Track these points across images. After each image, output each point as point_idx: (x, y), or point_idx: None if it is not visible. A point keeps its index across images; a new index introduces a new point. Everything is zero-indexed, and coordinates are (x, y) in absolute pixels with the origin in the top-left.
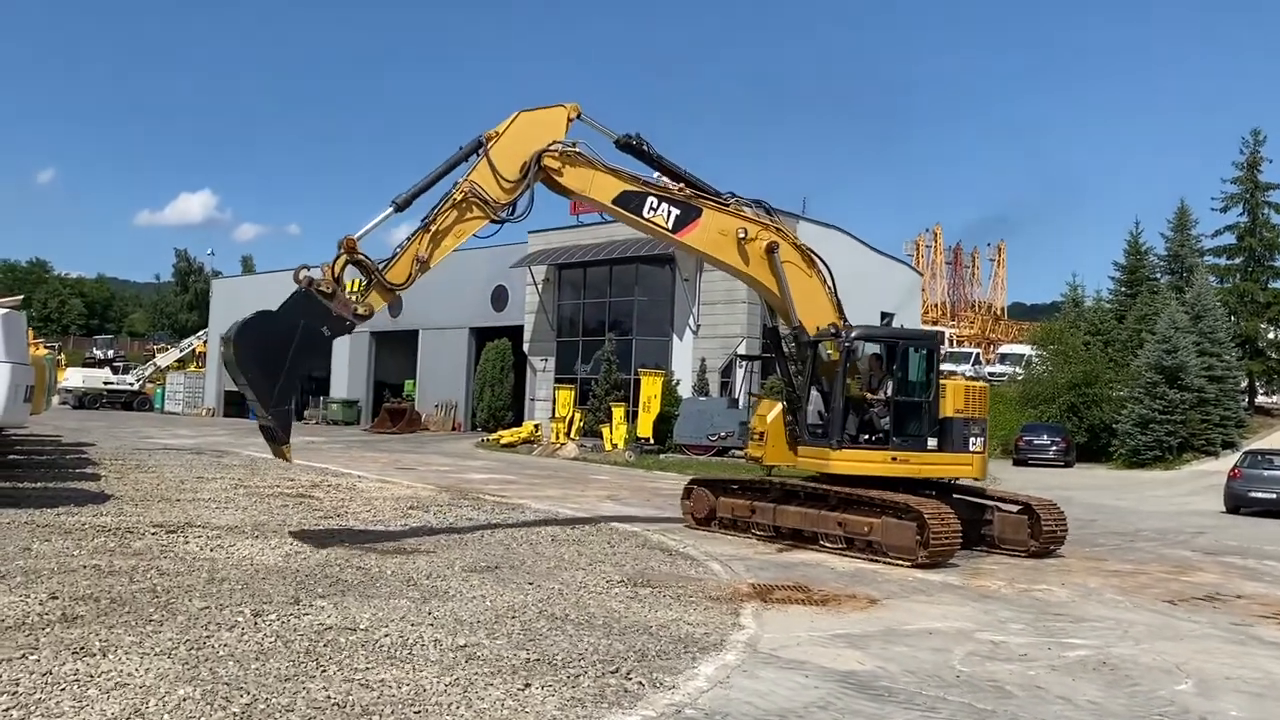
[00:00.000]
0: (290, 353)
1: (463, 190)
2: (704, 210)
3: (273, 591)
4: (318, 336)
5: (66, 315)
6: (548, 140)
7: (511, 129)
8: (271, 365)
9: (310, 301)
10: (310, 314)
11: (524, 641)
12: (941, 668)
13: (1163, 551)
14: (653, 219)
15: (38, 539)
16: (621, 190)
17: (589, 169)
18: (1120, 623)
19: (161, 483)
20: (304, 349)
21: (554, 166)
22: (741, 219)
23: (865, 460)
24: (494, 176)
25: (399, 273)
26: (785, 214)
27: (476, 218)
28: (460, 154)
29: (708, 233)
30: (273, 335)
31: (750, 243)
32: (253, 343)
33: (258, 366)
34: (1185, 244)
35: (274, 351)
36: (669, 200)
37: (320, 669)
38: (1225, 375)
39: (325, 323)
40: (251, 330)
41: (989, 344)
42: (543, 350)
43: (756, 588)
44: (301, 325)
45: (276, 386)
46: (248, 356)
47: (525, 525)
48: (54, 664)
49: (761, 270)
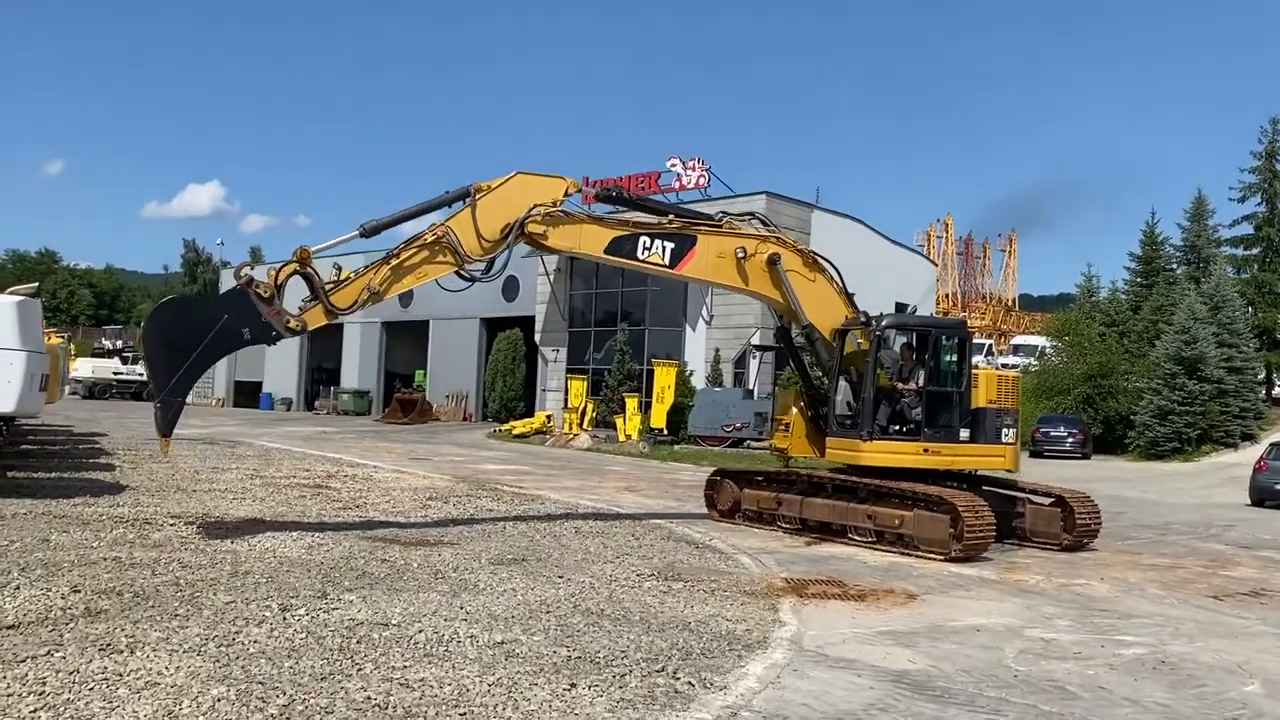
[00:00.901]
0: (202, 344)
1: (436, 233)
2: (699, 237)
3: (298, 585)
4: (236, 336)
5: (75, 305)
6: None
7: (505, 187)
8: (179, 352)
9: (244, 300)
10: (239, 312)
11: (562, 638)
12: (996, 667)
13: (1196, 545)
14: (649, 259)
15: (56, 530)
16: (612, 238)
17: (574, 225)
18: (1169, 619)
19: (176, 473)
20: (218, 343)
21: (539, 232)
22: (738, 237)
23: (897, 452)
24: (473, 230)
25: (346, 297)
26: (799, 203)
27: (444, 263)
28: (445, 198)
29: (706, 259)
30: (191, 322)
31: (750, 259)
32: (168, 323)
33: (165, 349)
34: (1202, 234)
35: (186, 338)
36: (661, 236)
37: (356, 667)
38: (1244, 367)
39: (250, 325)
40: (170, 311)
41: (1001, 335)
42: (554, 341)
43: (790, 582)
44: (224, 320)
45: (176, 375)
46: (158, 336)
47: (547, 517)
48: (80, 661)
49: (764, 284)
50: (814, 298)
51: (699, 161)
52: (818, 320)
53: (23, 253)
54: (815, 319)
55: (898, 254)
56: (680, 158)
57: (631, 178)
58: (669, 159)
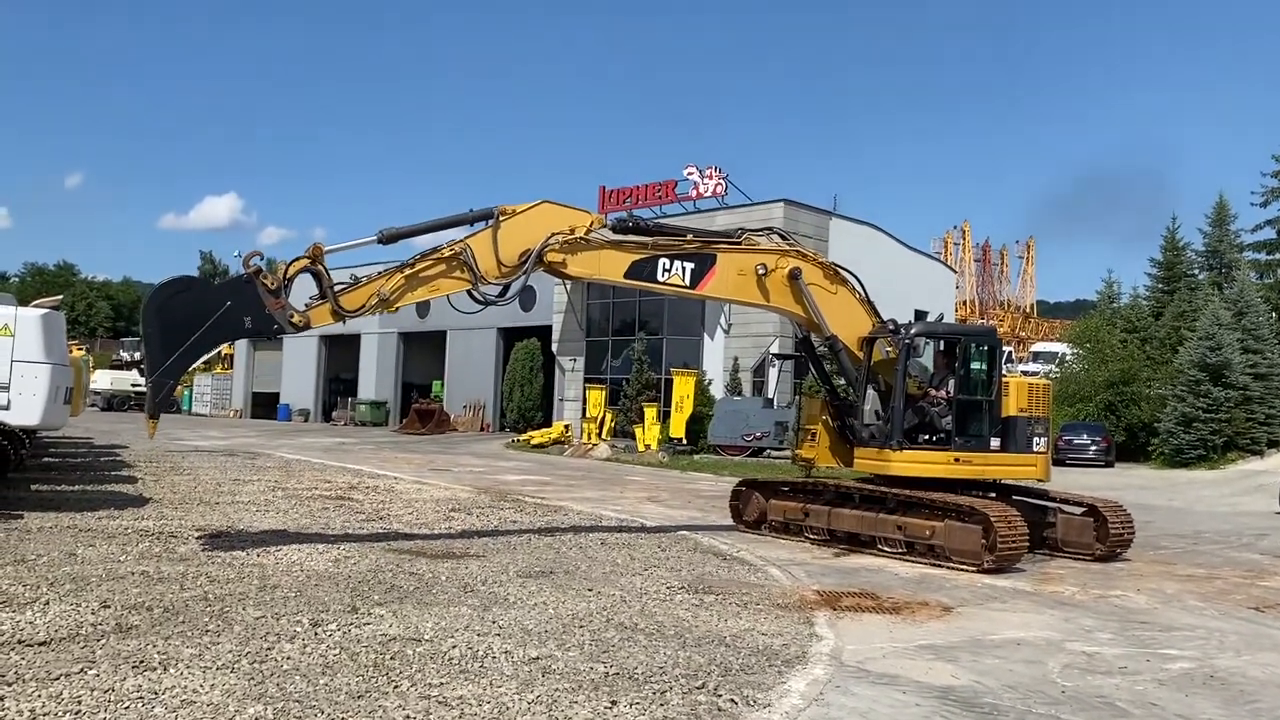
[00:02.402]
0: (203, 328)
1: (455, 249)
2: (718, 255)
3: (328, 599)
4: (237, 324)
5: (94, 318)
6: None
7: (530, 213)
8: (177, 333)
9: (249, 289)
10: (242, 300)
11: (597, 654)
12: (1042, 682)
13: (1230, 554)
14: (669, 280)
15: (82, 544)
16: (631, 262)
17: (593, 251)
18: (1212, 631)
19: (199, 485)
20: (217, 329)
21: (558, 260)
22: (757, 253)
23: (927, 461)
24: (492, 252)
25: (355, 300)
26: (817, 211)
27: (458, 280)
28: (467, 215)
29: (727, 278)
30: (193, 304)
31: (771, 275)
32: (170, 302)
33: (164, 328)
34: (1224, 239)
35: (186, 320)
36: (680, 256)
37: (393, 684)
38: (1269, 373)
39: (253, 315)
40: (173, 289)
41: (1020, 342)
42: (572, 350)
43: (823, 595)
44: (227, 306)
45: (172, 356)
46: (158, 314)
47: (571, 529)
48: (114, 679)
49: (785, 299)
50: (837, 310)
51: (716, 170)
52: (841, 332)
53: (41, 265)
54: (838, 330)
55: (916, 261)
56: (697, 166)
57: (648, 186)
58: (686, 167)
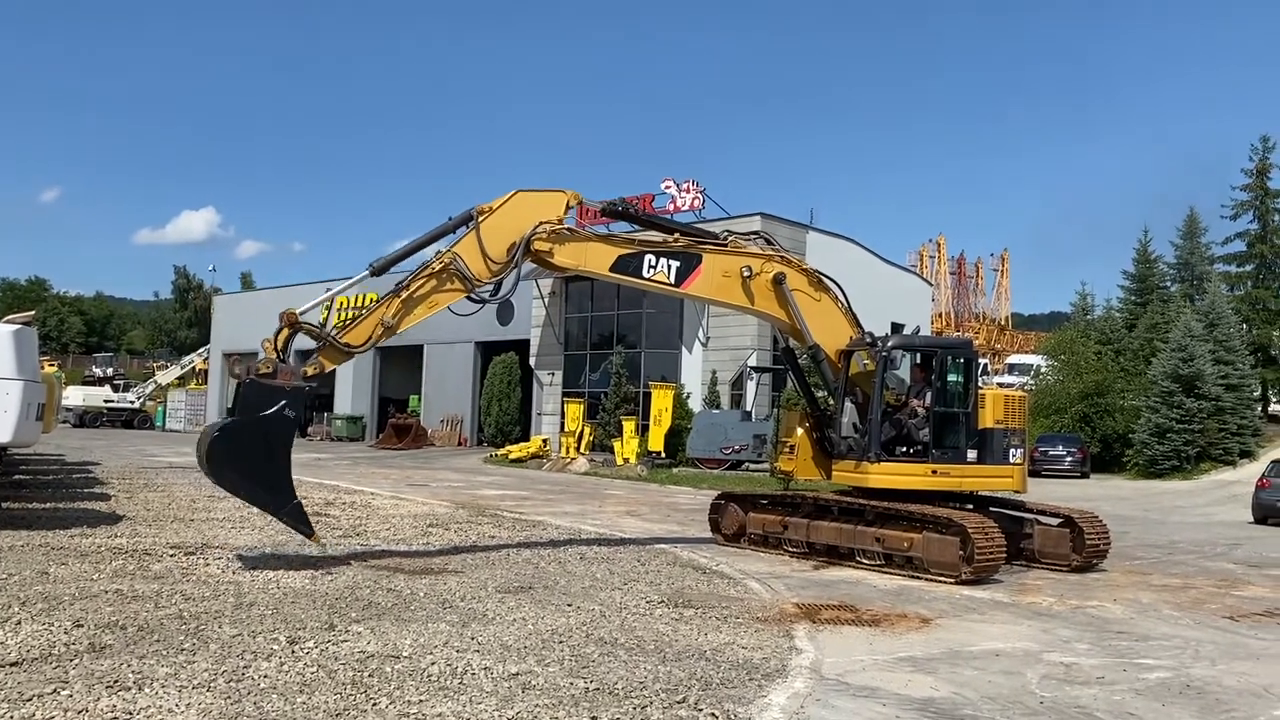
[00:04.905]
0: (266, 450)
1: (443, 260)
2: (704, 256)
3: (305, 616)
4: (283, 420)
5: (66, 333)
6: (539, 222)
7: (506, 207)
8: (257, 472)
9: (258, 390)
10: (264, 402)
11: (578, 669)
12: (1021, 693)
13: (1204, 564)
14: (654, 277)
15: (54, 562)
16: (617, 256)
17: (580, 243)
18: (1188, 641)
19: (173, 502)
20: (277, 438)
21: (545, 249)
22: (744, 256)
23: (905, 473)
24: (480, 253)
25: (360, 334)
26: (794, 224)
27: (453, 290)
28: (449, 224)
29: (712, 278)
30: (243, 444)
31: (755, 279)
32: (227, 462)
33: (244, 481)
34: (1195, 252)
35: (252, 458)
36: (666, 254)
37: (371, 702)
38: (1240, 384)
39: (281, 401)
40: (220, 452)
41: (995, 354)
42: (550, 364)
43: (802, 607)
44: (261, 418)
45: (272, 488)
46: (229, 478)
47: (550, 543)
48: (88, 699)
49: (769, 304)
50: (820, 317)
51: (693, 183)
52: (823, 340)
53: (13, 280)
54: (821, 339)
55: (892, 274)
56: (675, 180)
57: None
58: (663, 181)
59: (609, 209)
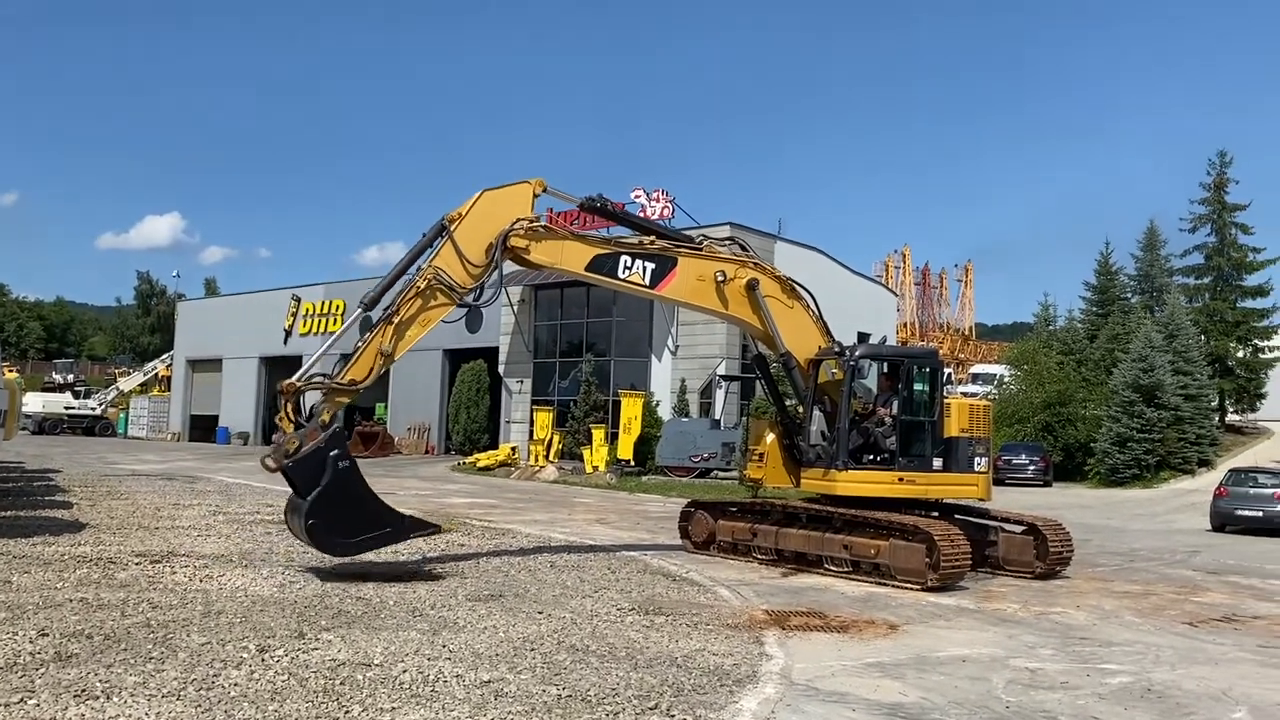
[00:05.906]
0: (351, 500)
1: (426, 277)
2: (679, 259)
3: (274, 625)
4: (343, 470)
5: (25, 339)
6: (513, 218)
7: (475, 209)
8: (361, 523)
9: (303, 467)
10: (316, 471)
11: (549, 676)
12: (987, 698)
13: (1165, 571)
14: (629, 278)
15: (16, 571)
16: (593, 255)
17: (557, 241)
18: (1148, 646)
19: (137, 510)
20: (351, 485)
21: (521, 246)
22: (718, 260)
23: (872, 481)
24: (459, 260)
25: (360, 369)
26: (762, 234)
27: (442, 304)
28: (424, 241)
29: (686, 281)
30: (332, 513)
31: (729, 284)
32: (336, 536)
33: (361, 538)
34: (1155, 264)
35: (348, 518)
36: (642, 256)
37: (343, 710)
38: (1199, 394)
39: (329, 455)
40: (324, 536)
41: (959, 364)
42: (519, 372)
43: (772, 614)
44: (324, 483)
45: (381, 523)
46: (350, 546)
47: (520, 551)
48: (55, 709)
49: (742, 309)
50: (791, 325)
51: (663, 193)
52: (794, 347)
53: None
54: (792, 346)
55: (859, 284)
56: (645, 189)
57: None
58: (633, 190)
59: (587, 204)
